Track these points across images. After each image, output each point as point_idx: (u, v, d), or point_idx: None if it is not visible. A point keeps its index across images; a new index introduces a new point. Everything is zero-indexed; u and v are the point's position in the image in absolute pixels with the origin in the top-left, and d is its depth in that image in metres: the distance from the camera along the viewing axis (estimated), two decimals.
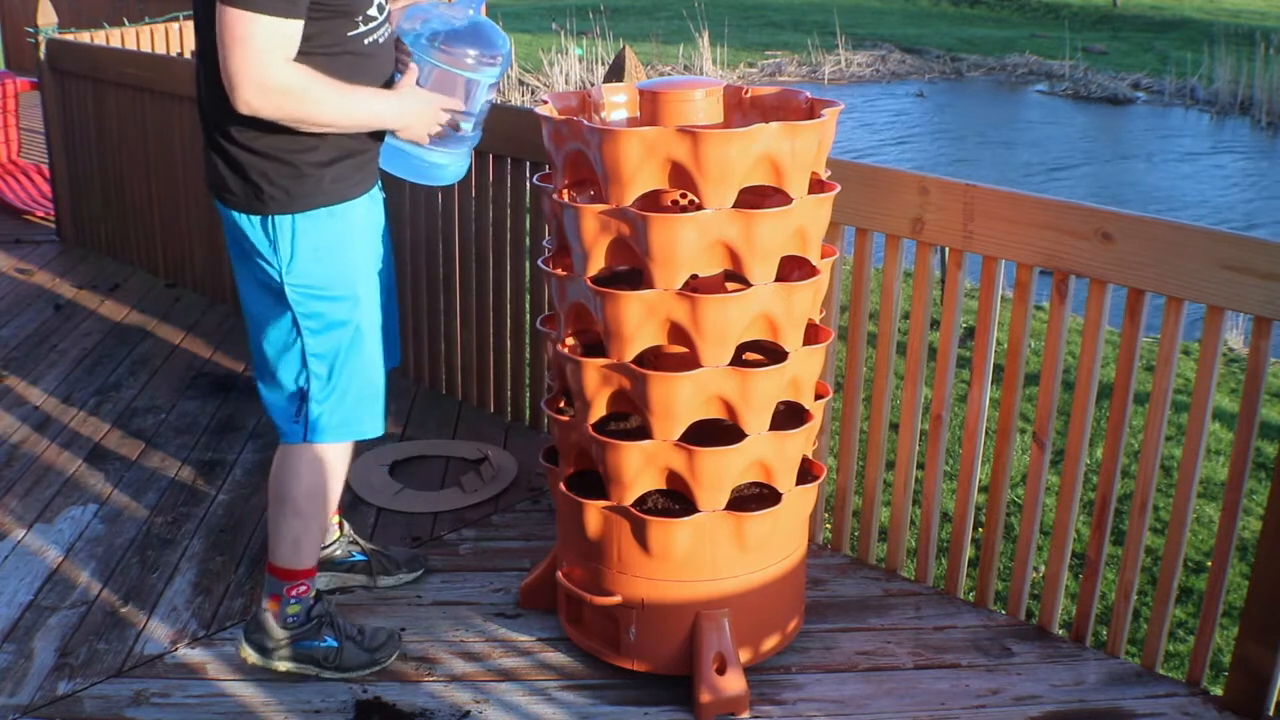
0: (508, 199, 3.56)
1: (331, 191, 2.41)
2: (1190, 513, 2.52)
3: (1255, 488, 4.68)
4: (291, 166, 2.36)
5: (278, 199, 2.38)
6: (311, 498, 2.56)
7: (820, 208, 2.46)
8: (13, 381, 4.15)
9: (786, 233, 2.37)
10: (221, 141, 2.39)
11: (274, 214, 2.39)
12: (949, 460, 3.10)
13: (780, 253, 2.38)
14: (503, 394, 3.82)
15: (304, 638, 2.61)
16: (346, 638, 2.63)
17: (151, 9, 7.06)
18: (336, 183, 2.41)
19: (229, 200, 2.43)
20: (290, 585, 2.59)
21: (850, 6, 24.03)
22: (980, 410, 2.76)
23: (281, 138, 2.33)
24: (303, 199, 2.39)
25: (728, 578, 2.52)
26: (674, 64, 17.30)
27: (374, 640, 2.66)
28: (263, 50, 2.19)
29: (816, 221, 2.46)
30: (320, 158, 2.38)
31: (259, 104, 2.23)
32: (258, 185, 2.37)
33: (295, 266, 2.42)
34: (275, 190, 2.37)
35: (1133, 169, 13.40)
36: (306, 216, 2.40)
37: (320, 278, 2.44)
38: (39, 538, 3.17)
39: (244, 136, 2.35)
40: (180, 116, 4.70)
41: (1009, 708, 2.53)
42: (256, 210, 2.40)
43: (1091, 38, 20.91)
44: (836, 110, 2.46)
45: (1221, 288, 2.35)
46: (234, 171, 2.39)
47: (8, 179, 6.45)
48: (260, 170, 2.37)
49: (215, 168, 2.43)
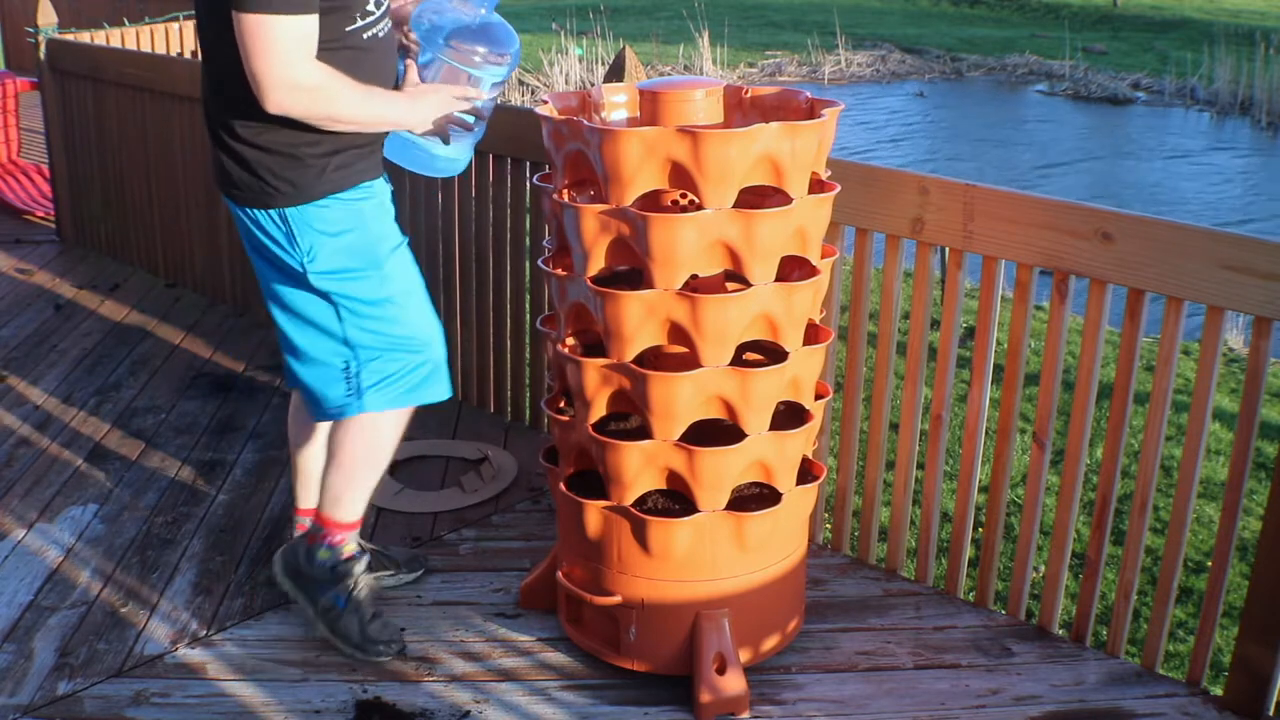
0: (508, 199, 3.56)
1: (336, 179, 2.44)
2: (1190, 513, 2.52)
3: (1255, 488, 4.68)
4: (295, 159, 2.39)
5: (285, 192, 2.41)
6: (361, 461, 2.61)
7: (820, 208, 2.46)
8: (13, 381, 4.15)
9: (786, 233, 2.37)
10: (227, 139, 2.41)
11: (284, 207, 2.42)
12: (949, 460, 3.10)
13: (780, 253, 2.38)
14: (503, 394, 3.82)
15: (319, 581, 2.66)
16: (354, 610, 2.65)
17: (151, 9, 7.05)
18: (340, 170, 2.44)
19: (239, 196, 2.46)
20: (325, 533, 2.65)
21: (850, 6, 24.03)
22: (980, 410, 2.76)
23: (285, 133, 2.36)
24: (310, 189, 2.42)
25: (728, 578, 2.52)
26: (674, 64, 17.30)
27: (378, 633, 2.66)
28: (287, 51, 2.22)
29: (816, 221, 2.46)
30: (323, 149, 2.40)
31: (289, 104, 2.26)
32: (265, 180, 2.40)
33: (316, 255, 2.45)
34: (282, 184, 2.40)
35: (1131, 168, 13.40)
36: (317, 206, 2.43)
37: (344, 261, 2.48)
38: (39, 538, 3.17)
39: (248, 133, 2.37)
40: (180, 116, 4.70)
41: (1009, 708, 2.53)
42: (267, 204, 2.43)
43: (1091, 38, 20.91)
44: (836, 110, 2.46)
45: (1221, 288, 2.35)
46: (241, 168, 2.42)
47: (8, 179, 6.45)
48: (266, 165, 2.39)
49: (222, 166, 2.45)
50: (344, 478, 2.62)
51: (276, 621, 2.82)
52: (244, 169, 2.41)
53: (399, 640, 2.69)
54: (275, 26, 2.20)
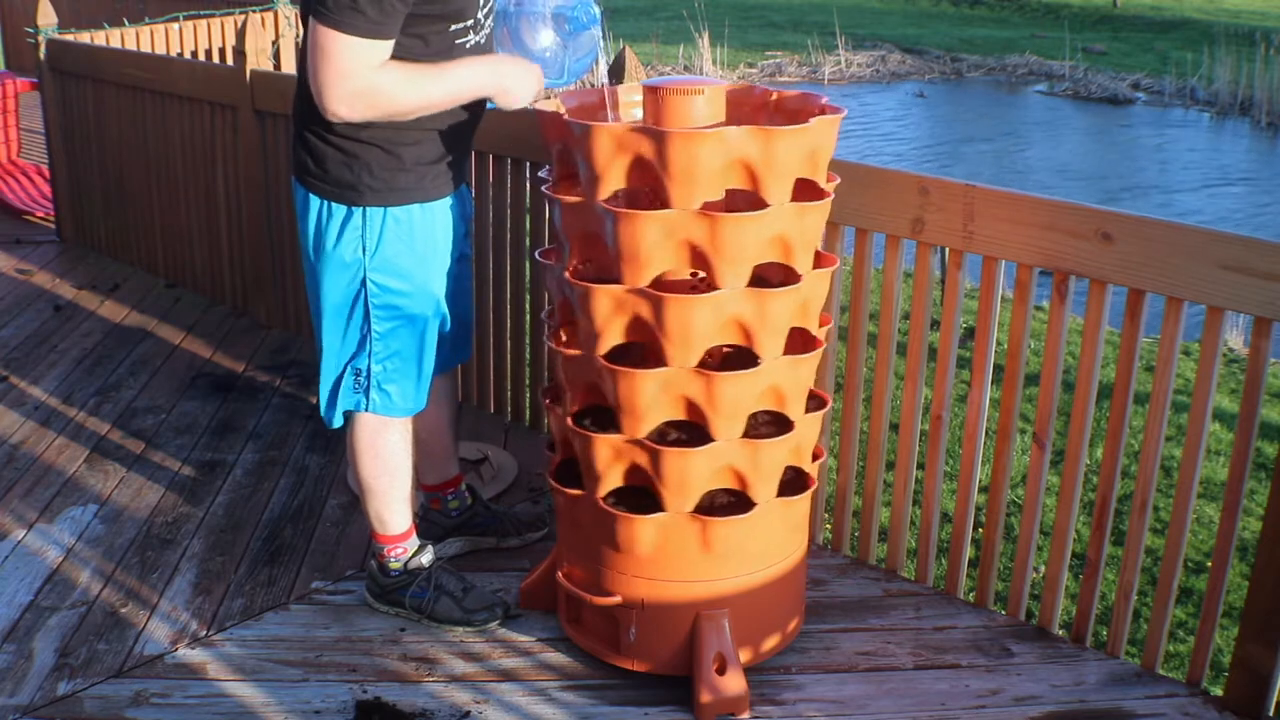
0: (508, 199, 3.56)
1: (429, 188, 2.51)
2: (1190, 513, 2.52)
3: (1255, 488, 4.68)
4: (397, 159, 2.45)
5: (378, 190, 2.46)
6: (379, 476, 2.69)
7: (804, 215, 2.38)
8: (13, 381, 4.15)
9: (761, 238, 2.32)
10: (322, 130, 2.44)
11: (368, 205, 2.47)
12: (949, 460, 3.11)
13: (755, 259, 2.33)
14: (503, 394, 3.82)
15: (399, 587, 2.79)
16: (446, 593, 2.78)
17: (151, 9, 7.05)
18: (435, 180, 2.51)
19: (319, 188, 2.49)
20: (386, 548, 2.78)
21: (850, 7, 24.04)
22: (980, 410, 2.76)
23: (386, 129, 2.41)
24: (400, 193, 2.48)
25: (728, 578, 2.52)
26: (674, 64, 17.29)
27: (475, 604, 2.77)
28: (348, 69, 2.27)
29: (802, 229, 2.38)
30: (425, 154, 2.47)
31: (345, 113, 2.32)
32: (359, 175, 2.45)
33: (379, 257, 2.50)
34: (376, 182, 2.46)
35: (1129, 167, 13.40)
36: (401, 210, 2.49)
37: (401, 271, 2.53)
38: (39, 538, 3.17)
39: (348, 127, 2.41)
40: (180, 116, 4.70)
41: (1009, 708, 2.53)
42: (349, 200, 2.47)
43: (1091, 38, 20.92)
44: (829, 119, 2.40)
45: (1221, 288, 2.35)
46: (333, 160, 2.46)
47: (8, 179, 6.45)
48: (365, 161, 2.44)
49: (313, 155, 2.48)
50: (374, 497, 2.71)
51: (276, 621, 2.82)
52: (336, 162, 2.45)
53: (499, 602, 2.80)
54: (342, 44, 2.25)
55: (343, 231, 2.49)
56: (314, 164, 2.48)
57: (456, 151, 2.56)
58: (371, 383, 2.59)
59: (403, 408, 2.64)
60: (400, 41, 2.33)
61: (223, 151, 4.55)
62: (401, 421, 2.67)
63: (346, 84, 2.27)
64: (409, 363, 2.61)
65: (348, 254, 2.50)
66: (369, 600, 2.86)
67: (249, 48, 4.26)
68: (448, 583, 2.80)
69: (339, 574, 3.01)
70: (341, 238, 2.50)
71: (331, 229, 2.50)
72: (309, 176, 2.50)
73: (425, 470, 2.97)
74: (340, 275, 2.52)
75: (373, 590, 2.85)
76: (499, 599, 2.82)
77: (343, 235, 2.49)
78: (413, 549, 2.79)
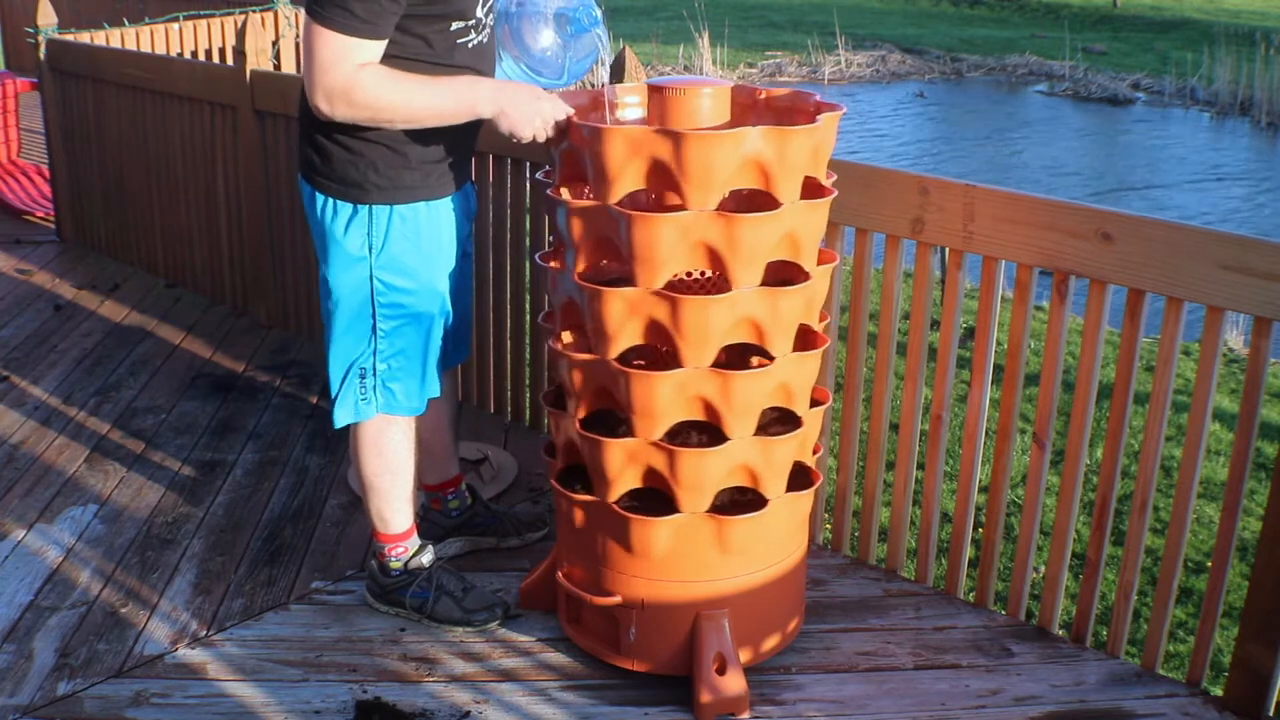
0: (508, 199, 3.56)
1: (435, 186, 2.52)
2: (1190, 513, 2.52)
3: (1255, 488, 4.68)
4: (403, 157, 2.45)
5: (383, 188, 2.47)
6: (382, 474, 2.69)
7: (812, 213, 2.41)
8: (13, 381, 4.15)
9: (774, 237, 2.33)
10: (328, 128, 2.44)
11: (374, 203, 2.47)
12: (949, 460, 3.11)
13: (767, 257, 2.35)
14: (503, 394, 3.82)
15: (400, 587, 2.80)
16: (446, 593, 2.78)
17: (151, 9, 7.06)
18: (441, 177, 2.52)
19: (325, 186, 2.50)
20: (387, 547, 2.78)
21: (850, 7, 24.04)
22: (980, 410, 2.76)
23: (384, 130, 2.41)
24: (406, 190, 2.48)
25: (728, 578, 2.52)
26: (674, 64, 17.29)
27: (475, 604, 2.78)
28: (328, 64, 2.27)
29: (809, 227, 2.41)
30: (430, 152, 2.47)
31: (325, 108, 2.32)
32: (365, 173, 2.45)
33: (385, 255, 2.51)
34: (382, 180, 2.46)
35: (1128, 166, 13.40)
36: (407, 208, 2.49)
37: (407, 269, 2.53)
38: (39, 538, 3.17)
39: (354, 125, 2.41)
40: (180, 116, 4.70)
41: (1009, 708, 2.53)
42: (355, 198, 2.48)
43: (1091, 38, 20.91)
44: (836, 115, 2.43)
45: (1221, 288, 2.35)
46: (339, 158, 2.46)
47: (8, 179, 6.45)
48: (370, 159, 2.44)
49: (319, 152, 2.48)
50: (376, 496, 2.72)
51: (276, 622, 2.82)
52: (342, 160, 2.45)
53: (499, 602, 2.80)
54: (331, 41, 2.25)
55: (349, 229, 2.50)
56: (320, 161, 2.49)
57: (461, 149, 2.56)
58: (377, 381, 2.60)
59: (407, 406, 2.64)
60: (404, 42, 2.33)
61: (223, 151, 4.55)
62: (405, 420, 2.67)
63: (325, 78, 2.27)
64: (414, 361, 2.61)
65: (354, 252, 2.50)
66: (369, 600, 2.86)
67: (249, 48, 4.26)
68: (448, 583, 2.80)
69: (339, 574, 3.01)
70: (347, 235, 2.50)
71: (338, 227, 2.50)
72: (315, 174, 2.51)
73: (426, 470, 2.97)
74: (347, 273, 2.53)
75: (373, 590, 2.85)
76: (499, 599, 2.82)
77: (349, 233, 2.50)
78: (413, 549, 2.80)
